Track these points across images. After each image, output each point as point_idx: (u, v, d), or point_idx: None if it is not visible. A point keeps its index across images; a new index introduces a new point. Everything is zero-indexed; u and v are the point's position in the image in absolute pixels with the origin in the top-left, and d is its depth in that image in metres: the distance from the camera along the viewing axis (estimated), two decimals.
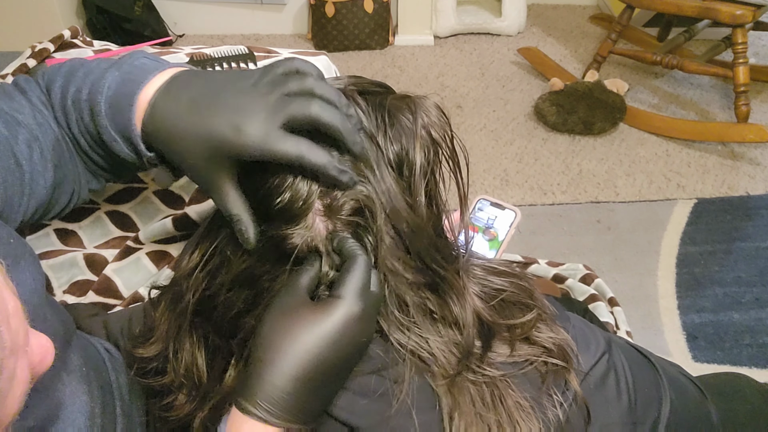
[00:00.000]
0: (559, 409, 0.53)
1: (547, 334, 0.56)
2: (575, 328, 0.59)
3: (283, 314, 0.50)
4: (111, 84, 0.55)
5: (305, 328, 0.49)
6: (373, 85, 0.59)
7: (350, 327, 0.50)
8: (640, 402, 0.58)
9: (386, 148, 0.54)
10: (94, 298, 0.91)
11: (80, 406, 0.53)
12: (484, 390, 0.53)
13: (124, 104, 0.54)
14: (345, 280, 0.51)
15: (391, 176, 0.54)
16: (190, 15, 2.76)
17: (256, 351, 0.50)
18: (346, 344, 0.50)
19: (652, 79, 2.47)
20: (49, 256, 0.93)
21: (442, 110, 0.58)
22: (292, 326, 0.49)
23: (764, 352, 1.48)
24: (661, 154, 2.11)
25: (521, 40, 2.73)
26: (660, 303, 1.60)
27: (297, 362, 0.48)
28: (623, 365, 0.59)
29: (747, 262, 1.71)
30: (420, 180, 0.54)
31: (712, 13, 1.98)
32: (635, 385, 0.58)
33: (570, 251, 1.74)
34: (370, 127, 0.54)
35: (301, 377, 0.48)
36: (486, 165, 2.07)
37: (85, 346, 0.62)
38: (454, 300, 0.54)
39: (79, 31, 1.04)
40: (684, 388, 0.66)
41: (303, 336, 0.49)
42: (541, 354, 0.55)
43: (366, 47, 2.69)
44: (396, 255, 0.53)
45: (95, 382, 0.58)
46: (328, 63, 1.01)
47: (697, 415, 0.67)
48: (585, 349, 0.58)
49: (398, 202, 0.53)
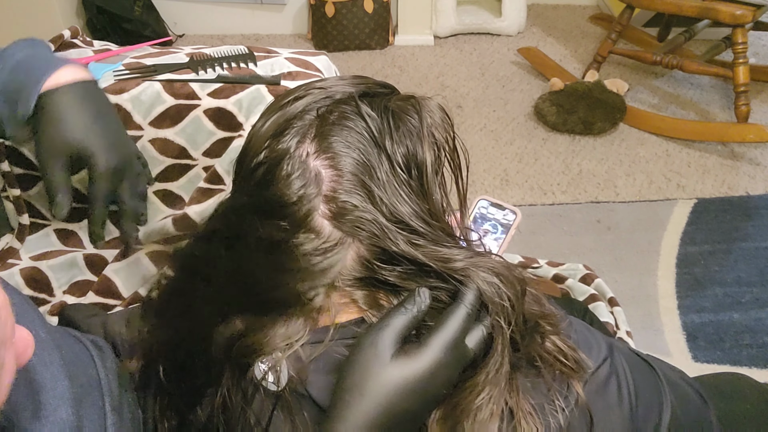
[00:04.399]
0: (560, 415, 0.52)
1: (556, 340, 0.56)
2: (577, 333, 0.59)
3: (369, 359, 0.49)
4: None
5: (386, 378, 0.48)
6: (377, 86, 0.59)
7: (435, 378, 0.49)
8: (641, 407, 0.58)
9: (394, 151, 0.54)
10: (94, 298, 0.91)
11: (61, 391, 0.54)
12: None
13: (37, 69, 0.69)
14: (439, 329, 0.50)
15: (400, 179, 0.53)
16: (190, 15, 2.76)
17: (342, 382, 0.49)
18: (429, 394, 0.50)
19: (652, 79, 2.47)
20: (49, 256, 0.93)
21: (445, 111, 0.58)
22: (375, 373, 0.49)
23: (764, 352, 1.48)
24: (661, 154, 2.11)
25: (521, 40, 2.73)
26: (660, 303, 1.60)
27: (372, 409, 0.48)
28: (625, 370, 0.58)
29: (747, 262, 1.71)
30: (433, 177, 0.54)
31: (712, 13, 1.98)
32: (636, 390, 0.58)
33: (570, 251, 1.74)
34: (376, 131, 0.54)
35: (376, 425, 0.48)
36: (486, 165, 2.07)
37: (70, 343, 0.62)
38: None
39: (79, 31, 1.04)
40: (685, 394, 0.66)
41: (382, 385, 0.48)
42: (553, 358, 0.54)
43: (366, 47, 2.69)
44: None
45: (79, 377, 0.58)
46: (328, 63, 1.01)
47: (698, 419, 0.67)
48: (587, 353, 0.58)
49: (409, 207, 0.53)
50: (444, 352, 0.49)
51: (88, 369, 0.61)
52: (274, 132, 0.55)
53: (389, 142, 0.54)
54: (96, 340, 0.68)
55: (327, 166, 0.53)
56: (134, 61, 0.94)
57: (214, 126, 0.89)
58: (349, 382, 0.49)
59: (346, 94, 0.57)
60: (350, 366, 0.49)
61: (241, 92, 0.90)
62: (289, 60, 0.97)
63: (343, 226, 0.53)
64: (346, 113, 0.55)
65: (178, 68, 0.93)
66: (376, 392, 0.48)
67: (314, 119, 0.55)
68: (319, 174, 0.53)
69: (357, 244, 0.53)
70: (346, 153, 0.53)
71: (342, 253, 0.53)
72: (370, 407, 0.48)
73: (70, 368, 0.56)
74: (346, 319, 0.55)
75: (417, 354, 0.49)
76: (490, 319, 0.52)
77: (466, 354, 0.51)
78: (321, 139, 0.54)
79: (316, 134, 0.54)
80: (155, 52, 0.99)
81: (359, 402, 0.48)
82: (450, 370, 0.50)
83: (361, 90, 0.57)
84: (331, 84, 0.58)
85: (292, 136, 0.54)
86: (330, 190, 0.53)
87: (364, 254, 0.54)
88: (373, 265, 0.54)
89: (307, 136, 0.54)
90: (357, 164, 0.53)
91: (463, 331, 0.51)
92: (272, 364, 0.54)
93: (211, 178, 0.91)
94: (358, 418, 0.48)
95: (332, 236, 0.53)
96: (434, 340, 0.50)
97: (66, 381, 0.54)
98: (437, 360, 0.49)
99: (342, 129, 0.54)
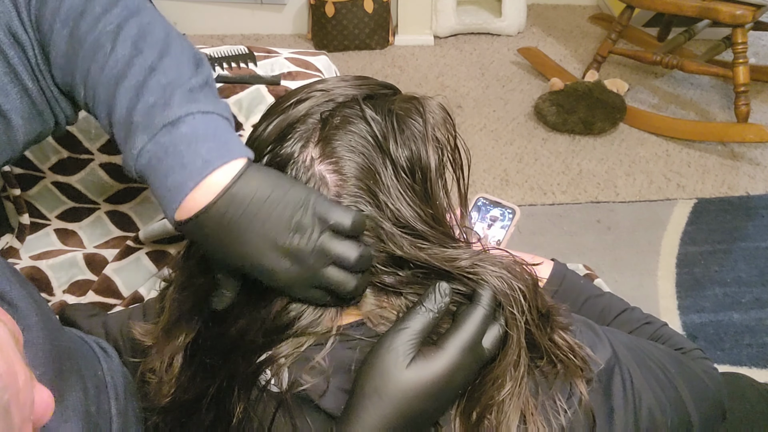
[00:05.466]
0: (562, 416, 0.52)
1: (561, 337, 0.55)
2: (582, 331, 0.58)
3: (387, 363, 0.49)
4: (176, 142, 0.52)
5: (405, 382, 0.48)
6: (380, 87, 0.58)
7: (453, 380, 0.50)
8: (645, 409, 0.57)
9: (398, 155, 0.53)
10: (94, 298, 0.91)
11: (74, 402, 0.53)
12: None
13: (172, 180, 0.51)
14: (456, 331, 0.50)
15: (404, 183, 0.53)
16: (190, 15, 2.76)
17: (359, 385, 0.49)
18: (446, 395, 0.50)
19: (652, 79, 2.47)
20: (49, 256, 0.93)
21: (447, 111, 0.58)
22: (394, 377, 0.49)
23: (764, 352, 1.48)
24: (661, 154, 2.11)
25: (521, 40, 2.73)
26: (660, 303, 1.60)
27: (390, 412, 0.48)
28: (628, 369, 0.58)
29: (747, 262, 1.71)
30: (437, 181, 0.54)
31: (712, 13, 1.98)
32: (641, 392, 0.57)
33: (570, 251, 1.74)
34: (380, 135, 0.54)
35: (393, 427, 0.48)
36: (486, 165, 2.07)
37: (80, 345, 0.62)
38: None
39: None
40: (702, 390, 0.65)
41: (400, 389, 0.48)
42: (563, 354, 0.54)
43: (366, 47, 2.69)
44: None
45: (91, 381, 0.57)
46: (328, 63, 1.01)
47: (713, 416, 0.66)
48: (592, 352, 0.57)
49: (413, 211, 0.53)
50: (462, 355, 0.49)
51: (97, 371, 0.61)
52: (276, 136, 0.54)
53: (393, 146, 0.54)
54: (99, 342, 0.68)
55: (331, 171, 0.53)
56: None
57: None
58: (367, 386, 0.49)
59: (349, 97, 0.56)
60: (368, 369, 0.49)
61: (241, 92, 0.90)
62: (289, 60, 0.97)
63: None
64: (350, 117, 0.55)
65: None
66: (394, 396, 0.48)
67: (317, 123, 0.54)
68: (323, 179, 0.53)
69: None
70: (350, 157, 0.53)
71: None
72: (388, 410, 0.48)
73: (82, 372, 0.56)
74: (347, 322, 0.55)
75: (435, 357, 0.49)
76: (504, 316, 0.52)
77: (483, 355, 0.51)
78: (325, 143, 0.53)
79: (319, 139, 0.54)
80: None
81: (377, 405, 0.48)
82: (467, 371, 0.50)
83: (363, 92, 0.57)
84: (334, 86, 0.57)
85: (295, 140, 0.54)
86: (335, 195, 0.53)
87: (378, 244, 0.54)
88: (377, 269, 0.54)
89: (310, 141, 0.54)
90: (361, 169, 0.53)
91: (480, 333, 0.51)
92: (276, 367, 0.54)
93: None
94: (375, 420, 0.48)
95: None
96: (452, 343, 0.50)
97: (79, 393, 0.54)
98: (455, 363, 0.49)
99: (346, 133, 0.54)
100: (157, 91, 0.53)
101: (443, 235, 0.56)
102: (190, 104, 0.53)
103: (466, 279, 0.53)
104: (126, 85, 0.54)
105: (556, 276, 0.78)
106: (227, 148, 0.52)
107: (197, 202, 0.50)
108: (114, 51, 0.54)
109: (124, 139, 0.54)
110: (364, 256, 0.52)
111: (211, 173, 0.50)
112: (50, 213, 0.95)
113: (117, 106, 0.54)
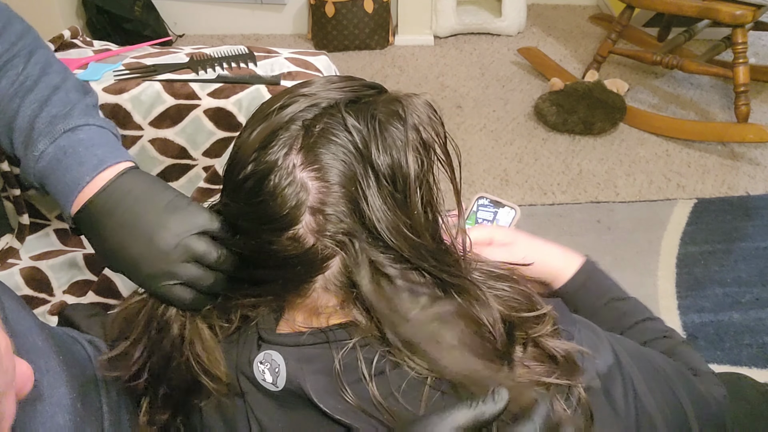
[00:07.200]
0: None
1: (554, 342, 0.55)
2: (581, 333, 0.58)
3: None
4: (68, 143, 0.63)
5: None
6: (365, 88, 0.58)
7: None
8: (643, 414, 0.57)
9: (380, 161, 0.53)
10: (94, 298, 0.91)
11: (58, 398, 0.54)
12: None
13: (70, 176, 0.62)
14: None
15: (385, 191, 0.53)
16: (190, 15, 2.76)
17: None
18: None
19: (652, 79, 2.47)
20: (49, 256, 0.93)
21: (433, 108, 0.57)
22: None
23: (764, 352, 1.48)
24: (661, 154, 2.11)
25: (521, 40, 2.73)
26: (660, 303, 1.60)
27: None
28: (629, 374, 0.58)
29: (747, 262, 1.71)
30: (415, 190, 0.53)
31: (712, 13, 1.98)
32: (641, 396, 0.57)
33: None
34: (361, 143, 0.53)
35: None
36: (486, 165, 2.07)
37: (69, 343, 0.62)
38: (475, 305, 0.54)
39: (79, 31, 1.04)
40: (701, 397, 0.65)
41: None
42: (547, 369, 0.53)
43: (366, 47, 2.69)
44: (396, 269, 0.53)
45: (78, 378, 0.58)
46: (328, 63, 1.01)
47: (715, 423, 0.66)
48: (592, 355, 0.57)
49: (391, 220, 0.53)
50: None
51: (87, 370, 0.61)
52: (260, 144, 0.54)
53: (375, 153, 0.53)
54: (93, 341, 0.68)
55: (314, 178, 0.52)
56: (134, 61, 0.94)
57: (214, 126, 0.89)
58: None
59: (332, 102, 0.55)
60: None
61: (241, 92, 0.90)
62: (289, 60, 0.97)
63: (327, 238, 0.52)
64: (331, 125, 0.54)
65: (178, 68, 0.93)
66: None
67: (300, 129, 0.54)
68: (305, 186, 0.52)
69: (342, 254, 0.53)
70: (333, 165, 0.53)
71: (327, 262, 0.54)
72: None
73: (70, 371, 0.56)
74: (337, 321, 0.56)
75: None
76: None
77: None
78: (307, 150, 0.53)
79: (302, 146, 0.53)
80: (155, 52, 0.99)
81: None
82: None
83: (347, 96, 0.56)
84: (317, 90, 0.56)
85: (279, 147, 0.53)
86: (317, 202, 0.52)
87: (348, 264, 0.54)
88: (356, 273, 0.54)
89: (293, 148, 0.53)
90: (343, 176, 0.53)
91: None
92: (271, 364, 0.54)
93: (211, 178, 0.91)
94: None
95: (316, 247, 0.53)
96: None
97: (64, 388, 0.54)
98: None
99: (328, 142, 0.53)
100: (59, 105, 0.66)
101: (421, 249, 0.55)
102: (87, 117, 0.66)
103: (446, 282, 0.54)
104: (32, 98, 0.66)
105: (581, 273, 0.78)
106: (120, 152, 0.64)
107: (89, 195, 0.61)
108: (25, 70, 0.67)
109: (24, 144, 0.65)
110: (222, 257, 0.59)
111: (104, 170, 0.62)
112: (50, 213, 0.95)
113: (20, 115, 0.65)
